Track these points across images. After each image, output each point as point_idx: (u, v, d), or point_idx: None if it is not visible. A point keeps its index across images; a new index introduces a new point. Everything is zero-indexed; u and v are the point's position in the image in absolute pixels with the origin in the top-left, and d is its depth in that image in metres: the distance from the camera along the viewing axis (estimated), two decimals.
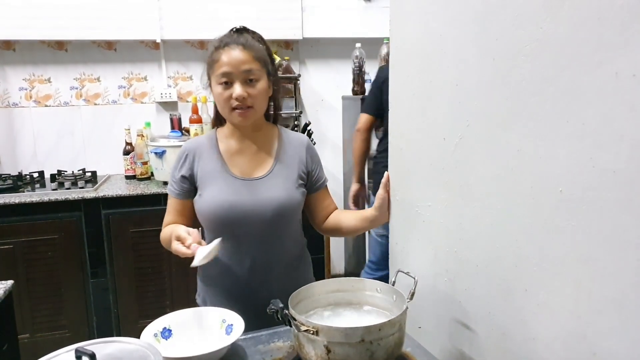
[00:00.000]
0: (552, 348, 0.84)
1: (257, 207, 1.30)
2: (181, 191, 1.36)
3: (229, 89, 1.26)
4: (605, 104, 0.70)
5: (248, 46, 1.28)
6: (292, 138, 1.43)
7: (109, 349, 0.85)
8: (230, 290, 1.34)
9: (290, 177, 1.36)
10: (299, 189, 1.37)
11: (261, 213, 1.30)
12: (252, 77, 1.27)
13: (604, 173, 0.71)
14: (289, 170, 1.36)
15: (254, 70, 1.27)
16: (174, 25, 2.98)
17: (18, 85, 2.96)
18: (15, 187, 2.60)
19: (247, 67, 1.26)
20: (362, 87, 3.09)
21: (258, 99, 1.29)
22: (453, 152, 1.07)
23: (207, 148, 1.37)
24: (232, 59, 1.25)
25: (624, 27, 0.66)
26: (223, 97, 1.27)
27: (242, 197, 1.30)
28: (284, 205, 1.32)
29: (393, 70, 1.30)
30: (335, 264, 3.66)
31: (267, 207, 1.30)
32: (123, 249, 2.59)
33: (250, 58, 1.27)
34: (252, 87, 1.27)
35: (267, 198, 1.31)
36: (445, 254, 1.14)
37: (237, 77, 1.26)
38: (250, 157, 1.36)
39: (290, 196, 1.33)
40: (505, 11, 0.88)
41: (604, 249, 0.72)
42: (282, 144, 1.40)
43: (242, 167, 1.35)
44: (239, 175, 1.33)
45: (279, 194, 1.32)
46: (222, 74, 1.25)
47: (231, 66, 1.25)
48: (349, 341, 0.89)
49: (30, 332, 2.53)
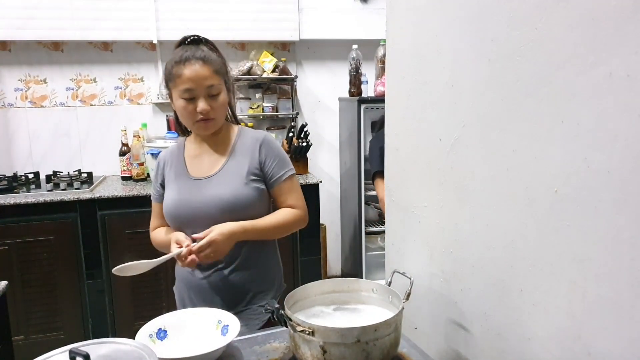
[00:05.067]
0: (547, 348, 0.84)
1: (203, 205, 1.35)
2: (158, 195, 1.48)
3: (191, 103, 1.32)
4: (600, 105, 0.70)
5: (207, 61, 1.33)
6: (249, 136, 1.45)
7: (104, 350, 0.85)
8: (194, 286, 1.41)
9: (240, 173, 1.38)
10: (250, 184, 1.37)
11: (208, 210, 1.34)
12: (214, 93, 1.33)
13: (599, 173, 0.71)
14: (240, 167, 1.39)
15: (216, 85, 1.33)
16: (171, 26, 2.98)
17: (13, 86, 2.95)
18: (10, 188, 2.59)
19: (209, 82, 1.32)
20: (358, 89, 3.10)
21: (219, 110, 1.36)
22: (449, 152, 1.07)
23: (175, 155, 1.46)
24: (194, 76, 1.30)
25: (617, 27, 0.67)
26: (187, 111, 1.33)
27: (190, 196, 1.37)
28: (229, 202, 1.34)
29: (389, 72, 1.30)
30: (332, 265, 3.66)
31: (212, 205, 1.34)
32: (119, 250, 2.58)
33: (210, 73, 1.32)
34: (215, 100, 1.34)
35: (211, 195, 1.35)
36: (441, 254, 1.14)
37: (200, 93, 1.31)
38: (207, 158, 1.42)
39: (237, 192, 1.35)
40: (500, 12, 0.88)
41: (598, 248, 0.73)
42: (237, 142, 1.43)
43: (199, 168, 1.41)
44: (195, 176, 1.40)
45: (223, 191, 1.35)
46: (185, 90, 1.31)
47: (194, 83, 1.30)
48: (344, 342, 0.89)
49: (25, 334, 2.52)
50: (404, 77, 1.23)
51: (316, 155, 3.43)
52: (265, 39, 3.21)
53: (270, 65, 3.15)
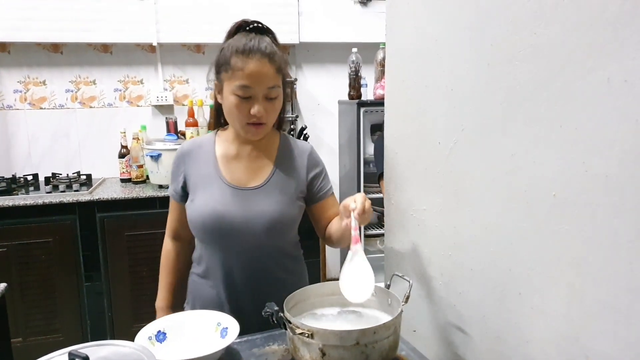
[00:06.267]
0: (545, 351, 0.84)
1: (248, 220, 1.21)
2: (177, 194, 1.32)
3: (246, 102, 1.17)
4: (598, 109, 0.71)
5: (273, 58, 1.17)
6: (295, 146, 1.33)
7: (103, 352, 0.85)
8: (219, 304, 1.28)
9: (288, 189, 1.26)
10: (297, 203, 1.28)
11: (251, 227, 1.21)
12: (273, 95, 1.19)
13: (597, 177, 0.71)
14: (288, 182, 1.27)
15: (276, 88, 1.19)
16: (170, 29, 2.98)
17: (13, 88, 2.95)
18: (9, 189, 2.58)
19: (271, 83, 1.17)
20: (358, 92, 3.10)
21: (273, 115, 1.22)
22: (448, 156, 1.07)
23: (203, 150, 1.30)
24: (257, 73, 1.15)
25: (616, 33, 0.67)
26: (239, 110, 1.18)
27: (232, 208, 1.22)
28: (277, 221, 1.23)
29: (389, 75, 1.31)
30: (331, 268, 3.66)
31: (258, 221, 1.21)
32: (118, 253, 2.58)
33: (274, 73, 1.18)
34: (272, 104, 1.20)
35: (259, 212, 1.22)
36: (440, 257, 1.14)
37: (258, 93, 1.17)
38: (247, 164, 1.27)
39: (285, 211, 1.24)
40: (499, 17, 0.89)
41: (597, 252, 0.73)
42: (283, 151, 1.31)
43: (237, 174, 1.26)
44: (232, 182, 1.25)
45: (272, 208, 1.22)
46: (243, 86, 1.15)
47: (255, 81, 1.15)
48: (343, 344, 0.90)
49: (24, 336, 2.51)
50: (403, 81, 1.23)
51: None
52: None
53: None
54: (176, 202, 1.35)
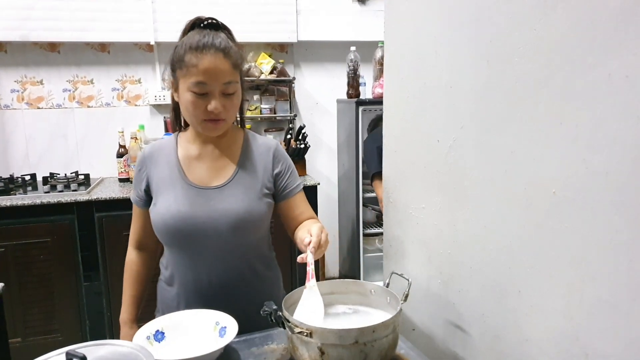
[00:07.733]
0: (545, 349, 0.84)
1: (213, 219, 1.18)
2: (140, 199, 1.29)
3: (202, 99, 1.14)
4: (599, 106, 0.70)
5: (228, 53, 1.15)
6: (259, 143, 1.30)
7: (101, 352, 0.84)
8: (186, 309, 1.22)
9: (253, 186, 1.23)
10: (263, 200, 1.24)
11: (217, 226, 1.18)
12: (230, 91, 1.16)
13: (597, 175, 0.71)
14: (252, 179, 1.24)
15: (233, 83, 1.16)
16: (168, 28, 2.97)
17: (10, 87, 2.94)
18: (7, 189, 2.58)
19: (227, 79, 1.14)
20: (356, 90, 3.10)
21: (232, 111, 1.20)
22: (447, 154, 1.07)
23: (165, 153, 1.27)
24: (212, 69, 1.12)
25: (616, 29, 0.67)
26: (195, 107, 1.15)
27: (196, 208, 1.19)
28: (242, 219, 1.19)
29: (387, 74, 1.30)
30: (330, 267, 3.66)
31: (223, 220, 1.18)
32: (116, 252, 2.57)
33: (229, 68, 1.15)
34: (229, 100, 1.17)
35: (223, 210, 1.18)
36: (439, 256, 1.14)
37: (214, 89, 1.14)
38: (210, 163, 1.24)
39: (251, 208, 1.20)
40: (498, 14, 0.88)
41: (596, 250, 0.73)
42: (247, 149, 1.28)
43: (200, 174, 1.23)
44: (195, 183, 1.22)
45: (237, 206, 1.19)
46: (198, 82, 1.13)
47: (210, 77, 1.13)
48: (342, 343, 0.89)
49: (22, 336, 2.51)
50: (402, 79, 1.23)
51: (314, 157, 3.43)
52: (263, 41, 3.21)
53: (268, 67, 3.15)
54: (139, 209, 1.31)
